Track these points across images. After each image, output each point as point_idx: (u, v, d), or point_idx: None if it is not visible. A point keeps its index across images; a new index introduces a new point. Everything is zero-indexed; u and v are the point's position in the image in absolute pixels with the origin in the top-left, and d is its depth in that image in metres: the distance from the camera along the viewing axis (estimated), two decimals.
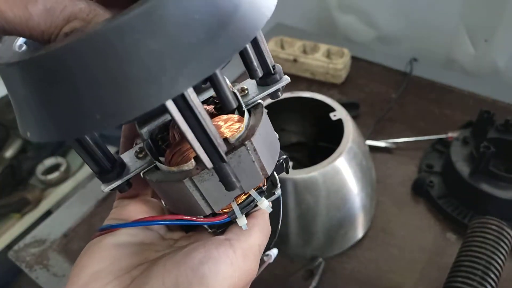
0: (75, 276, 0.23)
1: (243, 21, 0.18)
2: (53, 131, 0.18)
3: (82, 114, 0.17)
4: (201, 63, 0.17)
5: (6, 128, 1.45)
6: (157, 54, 0.16)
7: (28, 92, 0.18)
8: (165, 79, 0.16)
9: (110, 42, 0.15)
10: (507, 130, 0.68)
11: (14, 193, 1.38)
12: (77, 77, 0.16)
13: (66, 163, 1.44)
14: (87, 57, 0.16)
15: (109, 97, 0.16)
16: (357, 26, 1.09)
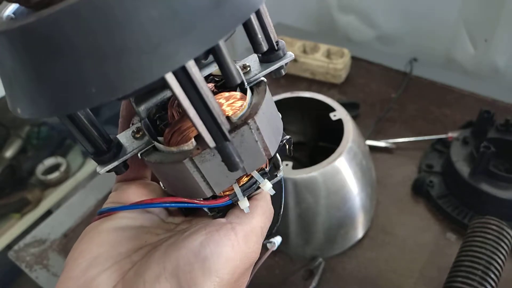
0: (73, 261, 0.22)
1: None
2: (44, 106, 0.17)
3: (75, 88, 0.15)
4: (204, 32, 0.15)
5: (6, 128, 1.45)
6: (157, 22, 0.15)
7: (17, 64, 0.16)
8: (165, 50, 0.15)
9: (107, 6, 0.14)
10: (507, 130, 0.68)
11: (14, 193, 1.38)
12: (70, 46, 0.15)
13: (66, 163, 1.44)
14: (82, 24, 0.14)
15: (105, 69, 0.15)
16: (357, 26, 1.09)
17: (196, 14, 0.15)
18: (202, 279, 0.20)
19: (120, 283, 0.21)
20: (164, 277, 0.20)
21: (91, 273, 0.21)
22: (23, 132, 1.47)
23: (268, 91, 0.24)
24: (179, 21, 0.15)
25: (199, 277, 0.20)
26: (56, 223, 0.77)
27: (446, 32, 0.96)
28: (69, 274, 0.22)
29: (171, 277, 0.20)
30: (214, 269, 0.20)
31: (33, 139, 1.47)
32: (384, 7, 1.01)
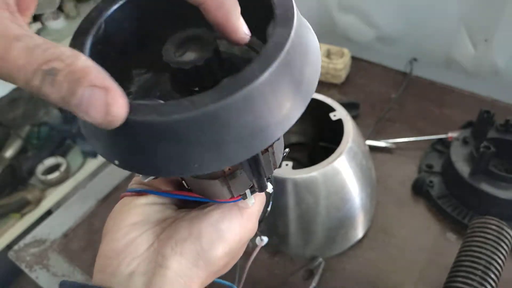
0: (114, 226, 0.28)
1: (307, 87, 0.22)
2: (150, 170, 0.21)
3: (184, 162, 0.20)
4: (278, 127, 0.21)
5: (6, 128, 1.45)
6: (249, 123, 0.20)
7: (131, 140, 0.20)
8: (251, 142, 0.20)
9: (217, 117, 0.19)
10: (507, 130, 0.68)
11: (14, 193, 1.38)
12: (186, 140, 0.20)
13: (66, 163, 1.44)
14: (198, 126, 0.19)
15: (209, 153, 0.20)
16: (357, 26, 1.09)
17: (274, 115, 0.20)
18: (217, 244, 0.27)
19: (155, 242, 0.27)
20: (190, 240, 0.27)
21: (132, 235, 0.27)
22: (23, 132, 1.47)
23: None
24: (263, 121, 0.20)
25: (215, 242, 0.27)
26: (56, 223, 0.77)
27: (446, 32, 0.95)
28: (114, 237, 0.27)
29: (195, 240, 0.27)
30: (226, 238, 0.28)
31: (33, 139, 1.47)
32: (384, 7, 1.01)
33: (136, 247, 0.27)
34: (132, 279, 0.26)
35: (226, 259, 0.28)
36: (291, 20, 0.21)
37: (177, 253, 0.26)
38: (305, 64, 0.22)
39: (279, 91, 0.20)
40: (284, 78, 0.20)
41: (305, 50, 0.22)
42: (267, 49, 0.20)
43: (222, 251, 0.27)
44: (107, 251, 0.27)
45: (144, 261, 0.26)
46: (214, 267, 0.27)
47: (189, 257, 0.26)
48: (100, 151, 0.22)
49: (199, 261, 0.26)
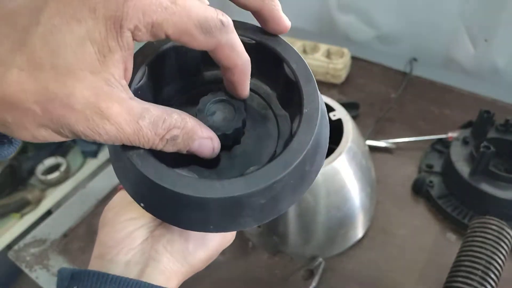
0: (113, 218, 0.31)
1: (313, 173, 0.26)
2: (171, 220, 0.26)
3: (202, 224, 0.25)
4: (285, 205, 0.25)
5: None
6: (263, 205, 0.24)
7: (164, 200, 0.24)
8: (261, 215, 0.25)
9: (241, 201, 0.23)
10: (507, 130, 0.68)
11: (14, 193, 1.38)
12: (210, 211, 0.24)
13: (66, 163, 1.44)
14: (223, 205, 0.23)
15: (224, 222, 0.24)
16: (357, 26, 1.09)
17: (284, 197, 0.25)
18: (200, 249, 0.31)
19: (149, 238, 0.31)
20: (179, 242, 0.30)
21: (129, 228, 0.30)
22: None
23: None
24: (274, 202, 0.24)
25: (199, 248, 0.31)
26: (56, 223, 0.77)
27: (446, 32, 0.95)
28: (112, 228, 0.31)
29: (184, 242, 0.30)
30: (208, 246, 0.31)
31: None
32: (384, 7, 1.01)
33: (133, 239, 0.30)
34: (128, 267, 0.29)
35: (204, 262, 0.32)
36: (315, 123, 0.25)
37: (168, 251, 0.30)
38: (317, 153, 0.26)
39: (292, 181, 0.24)
40: (298, 171, 0.24)
41: (319, 142, 0.26)
42: (291, 148, 0.24)
43: (203, 255, 0.31)
44: (107, 240, 0.30)
45: (138, 252, 0.30)
46: (194, 267, 0.32)
47: (177, 256, 0.30)
48: (128, 190, 0.26)
49: (183, 261, 0.31)
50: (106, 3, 0.19)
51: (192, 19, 0.21)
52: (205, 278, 0.35)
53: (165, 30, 0.20)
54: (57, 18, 0.18)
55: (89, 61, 0.19)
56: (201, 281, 0.35)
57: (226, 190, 0.22)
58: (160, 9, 0.20)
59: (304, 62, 0.27)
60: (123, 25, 0.19)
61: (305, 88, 0.26)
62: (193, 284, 0.34)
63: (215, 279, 0.64)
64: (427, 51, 0.99)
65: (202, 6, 0.21)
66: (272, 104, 0.29)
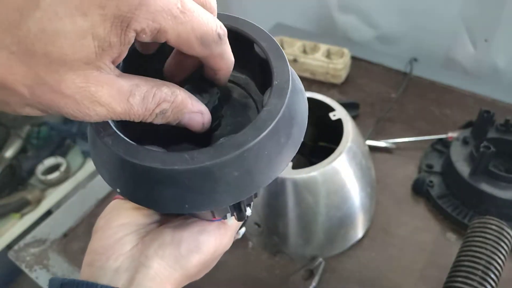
0: (104, 225, 0.31)
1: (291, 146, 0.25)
2: (146, 203, 0.25)
3: (177, 202, 0.24)
4: (262, 180, 0.24)
5: (6, 128, 1.45)
6: (237, 177, 0.23)
7: (134, 177, 0.23)
8: (237, 191, 0.24)
9: (210, 171, 0.22)
10: (507, 130, 0.68)
11: (14, 193, 1.38)
12: (182, 185, 0.23)
13: (66, 163, 1.44)
14: (194, 177, 0.22)
15: (198, 198, 0.23)
16: (357, 26, 1.09)
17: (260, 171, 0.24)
18: (194, 253, 0.30)
19: (140, 244, 0.30)
20: (171, 246, 0.30)
21: (119, 235, 0.30)
22: (23, 132, 1.47)
23: None
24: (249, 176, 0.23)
25: (193, 251, 0.30)
26: (56, 223, 0.77)
27: (446, 32, 0.95)
28: (104, 234, 0.30)
29: (176, 246, 0.30)
30: (202, 250, 0.31)
31: (33, 139, 1.47)
32: (384, 7, 1.01)
33: (122, 245, 0.30)
34: (117, 274, 0.29)
35: (200, 267, 0.32)
36: (285, 92, 0.24)
37: (159, 255, 0.29)
38: (293, 126, 0.25)
39: (266, 152, 0.24)
40: (272, 142, 0.24)
41: (294, 114, 0.25)
42: (261, 117, 0.23)
43: (197, 260, 0.31)
44: (97, 247, 0.30)
45: (128, 258, 0.29)
46: (188, 272, 0.31)
47: (168, 260, 0.29)
48: (104, 177, 0.26)
49: (176, 265, 0.30)
50: (119, 3, 0.18)
51: (195, 32, 0.21)
52: (205, 278, 0.35)
53: (168, 37, 0.21)
54: (61, 6, 0.18)
55: (86, 53, 0.19)
56: (201, 281, 0.35)
57: (194, 161, 0.22)
58: (170, 17, 0.20)
59: (275, 42, 0.27)
60: (130, 26, 0.19)
61: (275, 63, 0.26)
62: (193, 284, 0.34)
63: (215, 279, 0.64)
64: (427, 51, 0.99)
65: (206, 18, 0.22)
66: (252, 93, 0.29)
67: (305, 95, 0.28)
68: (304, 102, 0.27)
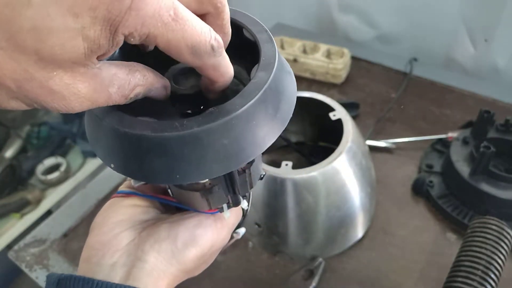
0: (102, 222, 0.31)
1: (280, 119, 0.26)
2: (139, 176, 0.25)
3: (168, 173, 0.24)
4: (252, 151, 0.25)
5: (6, 128, 1.45)
6: (226, 146, 0.24)
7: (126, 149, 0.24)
8: (226, 161, 0.24)
9: (199, 138, 0.23)
10: (507, 130, 0.68)
11: (14, 193, 1.38)
12: (171, 154, 0.23)
13: (66, 163, 1.44)
14: (183, 144, 0.23)
15: (190, 167, 0.24)
16: (357, 26, 1.09)
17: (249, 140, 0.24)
18: (190, 247, 0.31)
19: (136, 239, 0.30)
20: (168, 240, 0.30)
21: (116, 231, 0.31)
22: (23, 132, 1.47)
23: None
24: (238, 145, 0.24)
25: (189, 245, 0.31)
26: (56, 223, 0.77)
27: (446, 32, 0.96)
28: (101, 231, 0.31)
29: (172, 240, 0.30)
30: (199, 243, 0.31)
31: (33, 139, 1.47)
32: (384, 7, 1.01)
33: (119, 241, 0.30)
34: (114, 269, 0.29)
35: (197, 262, 0.32)
36: (272, 67, 0.25)
37: (155, 250, 0.30)
38: (281, 101, 0.26)
39: (254, 122, 0.24)
40: (260, 112, 0.24)
41: (282, 90, 0.26)
42: (248, 88, 0.24)
43: (194, 254, 0.31)
44: (94, 243, 0.31)
45: (124, 253, 0.30)
46: (185, 267, 0.31)
47: (165, 254, 0.30)
48: (99, 155, 0.26)
49: (172, 259, 0.30)
50: (110, 6, 0.19)
51: (186, 41, 0.21)
52: (205, 278, 0.35)
53: (157, 42, 0.21)
54: (53, 6, 0.18)
55: (76, 54, 0.19)
56: (201, 281, 0.35)
57: (184, 127, 0.23)
58: (160, 24, 0.20)
59: (262, 25, 0.28)
60: (118, 29, 0.19)
61: (263, 45, 0.27)
62: (193, 284, 0.34)
63: (215, 279, 0.64)
64: (427, 51, 1.00)
65: (200, 28, 0.22)
66: (244, 80, 0.30)
67: (293, 78, 0.29)
68: (293, 83, 0.28)
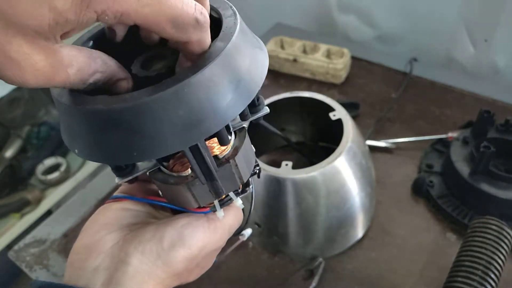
0: (89, 225, 0.31)
1: (242, 92, 0.25)
2: (100, 157, 0.24)
3: (125, 151, 0.23)
4: (212, 122, 0.24)
5: (6, 128, 1.45)
6: (183, 117, 0.23)
7: (84, 128, 0.24)
8: (186, 134, 0.23)
9: (151, 108, 0.22)
10: (507, 130, 0.68)
11: (14, 193, 1.38)
12: (127, 128, 0.23)
13: (66, 163, 1.44)
14: (136, 117, 0.22)
15: (147, 142, 0.23)
16: (357, 26, 1.09)
17: (206, 112, 0.23)
18: (177, 247, 0.29)
19: (121, 241, 0.29)
20: (153, 241, 0.29)
21: (101, 234, 0.30)
22: (23, 132, 1.47)
23: (247, 135, 0.32)
24: (195, 117, 0.23)
25: (176, 245, 0.29)
26: (56, 223, 0.77)
27: (446, 32, 0.96)
28: (86, 234, 0.30)
29: (158, 241, 0.29)
30: (188, 243, 0.29)
31: (33, 139, 1.47)
32: (384, 7, 1.01)
33: (103, 244, 0.29)
34: (96, 273, 0.28)
35: (187, 264, 0.30)
36: (229, 37, 0.25)
37: (139, 251, 0.28)
38: (242, 72, 0.25)
39: (210, 92, 0.23)
40: (216, 82, 0.23)
41: (245, 62, 0.25)
42: (203, 57, 0.24)
43: (182, 255, 0.29)
44: (77, 248, 0.30)
45: (108, 256, 0.28)
46: (172, 269, 0.29)
47: (149, 256, 0.28)
48: (66, 141, 0.26)
49: (158, 260, 0.28)
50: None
51: (165, 14, 0.21)
52: (204, 278, 0.35)
53: (133, 20, 0.21)
54: None
55: (39, 23, 0.19)
56: (201, 281, 0.35)
57: (133, 98, 0.22)
58: (133, 0, 0.20)
59: (227, 3, 0.28)
60: (90, 5, 0.19)
61: (225, 19, 0.26)
62: (193, 284, 0.34)
63: (215, 279, 0.64)
64: (427, 51, 0.99)
65: (180, 0, 0.21)
66: None
67: (265, 54, 0.28)
68: (262, 59, 0.27)
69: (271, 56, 0.95)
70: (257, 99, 0.31)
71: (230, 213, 0.33)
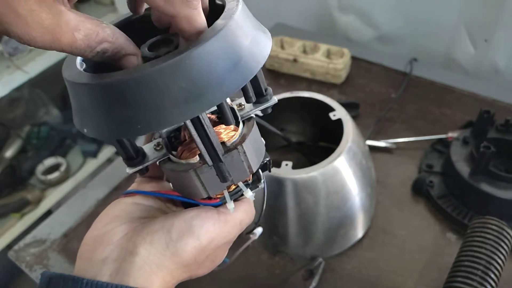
0: (100, 218, 0.31)
1: (243, 68, 0.25)
2: (106, 134, 0.25)
3: (130, 125, 0.24)
4: (213, 96, 0.24)
5: (6, 128, 1.45)
6: (184, 90, 0.23)
7: (92, 104, 0.24)
8: (187, 106, 0.24)
9: (154, 80, 0.23)
10: (507, 130, 0.68)
11: (14, 193, 1.38)
12: (131, 101, 0.23)
13: (66, 163, 1.44)
14: (140, 88, 0.23)
15: (149, 116, 0.24)
16: (357, 26, 1.09)
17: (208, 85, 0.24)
18: (186, 237, 0.29)
19: (130, 232, 0.29)
20: (161, 231, 0.29)
21: (110, 226, 0.30)
22: (23, 132, 1.47)
23: (255, 124, 0.32)
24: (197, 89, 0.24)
25: (185, 235, 0.29)
26: (56, 223, 0.77)
27: (446, 32, 0.96)
28: (95, 226, 0.31)
29: (166, 232, 0.29)
30: (197, 234, 0.29)
31: (33, 139, 1.47)
32: (384, 7, 1.01)
33: (112, 235, 0.29)
34: (105, 265, 0.28)
35: (197, 256, 0.30)
36: (231, 17, 0.25)
37: (147, 241, 0.28)
38: (242, 50, 0.25)
39: (211, 65, 0.24)
40: (217, 56, 0.24)
41: (246, 40, 0.26)
42: (205, 33, 0.24)
43: (191, 245, 0.29)
44: (87, 239, 0.30)
45: (117, 247, 0.29)
46: (181, 259, 0.29)
47: (158, 246, 0.28)
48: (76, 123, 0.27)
49: (166, 250, 0.28)
50: None
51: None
52: (205, 278, 0.35)
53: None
54: None
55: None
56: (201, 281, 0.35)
57: (137, 70, 0.23)
58: None
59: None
60: None
61: (228, 3, 0.27)
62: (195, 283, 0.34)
63: (215, 278, 0.64)
64: (427, 51, 1.00)
65: None
66: None
67: (269, 38, 0.29)
68: (265, 40, 0.28)
69: (271, 56, 0.95)
70: (265, 90, 0.32)
71: (241, 207, 0.33)
